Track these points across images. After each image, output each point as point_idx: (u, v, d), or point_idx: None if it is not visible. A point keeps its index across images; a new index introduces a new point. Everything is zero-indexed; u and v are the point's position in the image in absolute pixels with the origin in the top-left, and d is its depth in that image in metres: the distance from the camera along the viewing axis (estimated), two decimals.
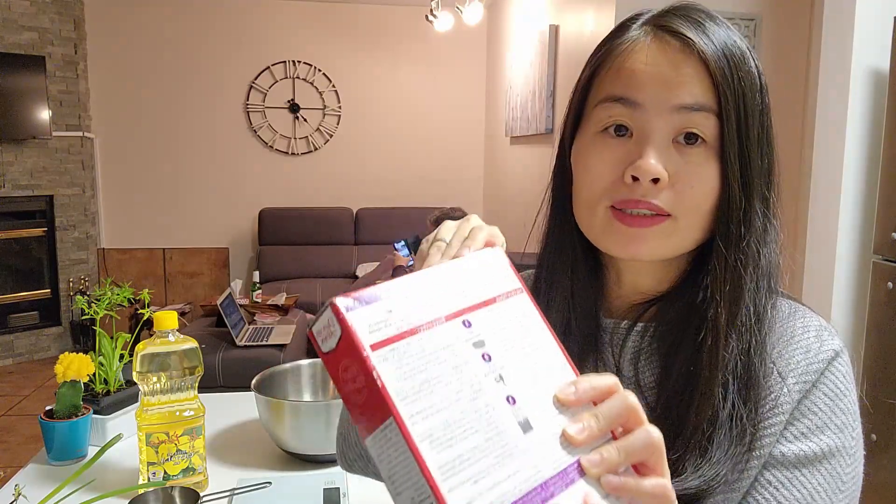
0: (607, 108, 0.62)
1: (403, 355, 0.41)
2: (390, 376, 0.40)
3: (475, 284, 0.47)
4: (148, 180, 5.26)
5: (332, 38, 5.38)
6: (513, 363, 0.45)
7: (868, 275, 2.42)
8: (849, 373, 0.63)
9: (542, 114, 3.85)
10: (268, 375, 1.27)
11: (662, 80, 0.59)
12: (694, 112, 0.59)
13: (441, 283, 0.46)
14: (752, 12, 2.78)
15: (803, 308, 0.66)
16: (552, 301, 0.70)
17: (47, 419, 1.16)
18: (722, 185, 0.60)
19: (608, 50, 0.64)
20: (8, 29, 4.35)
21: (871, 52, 2.43)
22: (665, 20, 0.61)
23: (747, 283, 0.61)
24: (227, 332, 3.14)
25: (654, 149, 0.59)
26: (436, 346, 0.42)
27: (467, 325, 0.45)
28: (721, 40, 0.60)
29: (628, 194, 0.60)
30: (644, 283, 0.68)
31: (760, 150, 0.61)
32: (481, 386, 0.42)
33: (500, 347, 0.45)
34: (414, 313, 0.43)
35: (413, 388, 0.40)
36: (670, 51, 0.60)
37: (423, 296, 0.45)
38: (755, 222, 0.61)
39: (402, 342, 0.42)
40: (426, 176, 5.65)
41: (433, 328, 0.43)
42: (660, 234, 0.61)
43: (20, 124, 4.38)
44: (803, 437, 0.60)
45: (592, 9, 3.23)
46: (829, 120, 2.54)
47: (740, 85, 0.59)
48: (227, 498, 1.04)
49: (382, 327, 0.42)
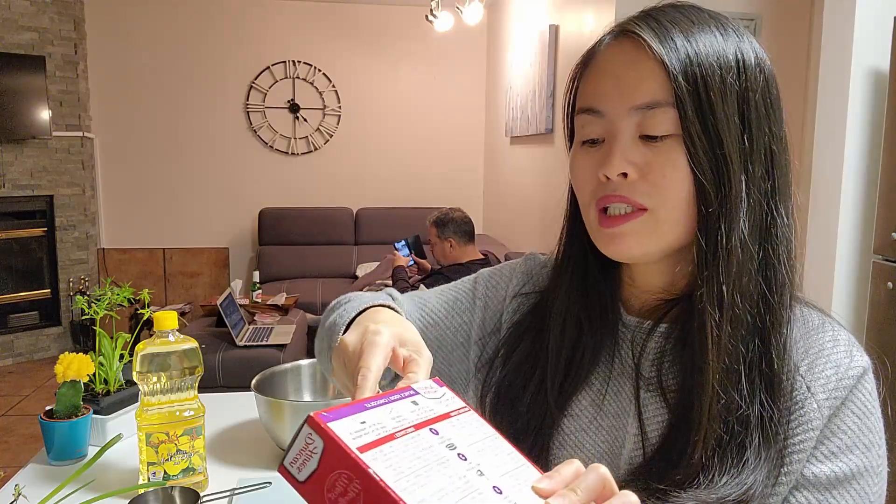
0: (580, 119, 0.65)
1: (390, 454, 0.41)
2: (384, 471, 0.39)
3: (427, 406, 0.50)
4: (148, 180, 5.26)
5: (332, 38, 5.38)
6: (486, 462, 0.46)
7: (868, 275, 2.42)
8: (874, 389, 0.63)
9: (542, 114, 3.85)
10: (268, 375, 1.27)
11: (618, 85, 0.62)
12: (650, 110, 0.60)
13: (397, 406, 0.48)
14: (752, 12, 2.78)
15: (831, 320, 0.66)
16: (564, 301, 0.71)
17: (47, 419, 1.16)
18: (693, 172, 0.60)
19: (584, 60, 0.67)
20: (8, 29, 4.35)
21: (871, 52, 2.43)
22: (626, 24, 0.63)
23: (734, 266, 0.60)
24: (227, 332, 3.14)
25: (619, 148, 0.61)
26: (416, 447, 0.43)
27: (435, 433, 0.46)
28: (684, 31, 0.60)
29: (604, 191, 0.63)
30: (656, 282, 0.68)
31: (746, 132, 0.60)
32: (468, 479, 0.43)
33: (470, 449, 0.46)
34: (387, 424, 0.44)
35: (409, 482, 0.40)
36: (625, 53, 0.62)
37: (387, 413, 0.46)
38: (740, 206, 0.60)
39: (384, 445, 0.42)
40: (426, 176, 5.65)
41: (407, 434, 0.44)
42: (638, 229, 0.62)
43: (20, 124, 4.38)
44: (833, 457, 0.60)
45: (592, 9, 3.23)
46: (829, 120, 2.54)
47: (700, 70, 0.59)
48: (227, 498, 1.04)
49: (362, 435, 0.42)
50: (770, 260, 0.62)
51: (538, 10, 4.17)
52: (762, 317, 0.61)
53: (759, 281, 0.61)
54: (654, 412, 0.66)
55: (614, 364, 0.70)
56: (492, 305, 0.82)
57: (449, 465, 0.43)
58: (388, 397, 0.49)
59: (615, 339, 0.70)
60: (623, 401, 0.69)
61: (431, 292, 0.88)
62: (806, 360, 0.62)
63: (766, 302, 0.61)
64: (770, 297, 0.61)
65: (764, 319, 0.61)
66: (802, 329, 0.64)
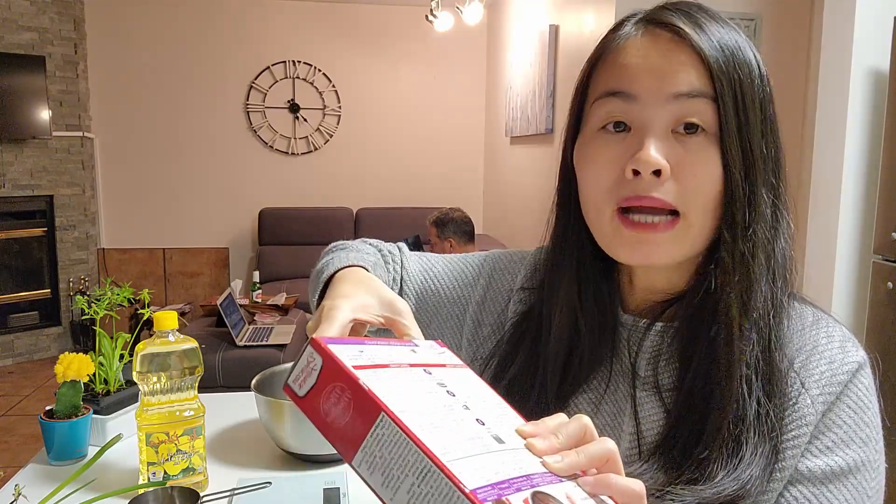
0: (604, 103, 0.62)
1: (382, 377, 0.45)
2: (375, 385, 0.43)
3: (425, 355, 0.53)
4: (148, 180, 5.26)
5: (332, 38, 5.38)
6: (474, 401, 0.48)
7: (868, 275, 2.42)
8: (871, 384, 0.63)
9: (542, 114, 3.85)
10: (268, 375, 1.27)
11: (656, 71, 0.59)
12: (690, 99, 0.58)
13: (396, 348, 0.52)
14: (752, 12, 2.78)
15: (826, 317, 0.66)
16: (558, 301, 0.70)
17: (47, 419, 1.16)
18: (724, 173, 0.59)
19: (603, 48, 0.64)
20: (8, 29, 4.35)
21: (871, 52, 2.43)
22: (656, 15, 0.62)
23: (757, 271, 0.60)
24: (227, 332, 3.14)
25: (654, 140, 0.58)
26: (407, 378, 0.47)
27: (428, 373, 0.49)
28: (713, 29, 0.60)
29: (632, 191, 0.59)
30: (657, 282, 0.67)
31: (764, 138, 0.61)
32: (452, 407, 0.46)
33: (459, 390, 0.49)
34: (383, 357, 0.48)
35: (396, 395, 0.43)
36: (661, 42, 0.60)
37: (385, 350, 0.50)
38: (762, 210, 0.60)
39: (378, 369, 0.46)
40: (426, 176, 5.64)
41: (401, 368, 0.48)
42: (673, 239, 0.60)
43: (20, 124, 4.38)
44: (829, 452, 0.60)
45: (592, 9, 3.23)
46: (829, 120, 2.54)
47: (736, 71, 0.59)
48: (227, 498, 1.04)
49: (358, 359, 0.46)
50: (777, 262, 0.62)
51: (538, 10, 4.17)
52: (767, 319, 0.61)
53: (771, 285, 0.61)
54: (650, 411, 0.65)
55: (613, 363, 0.69)
56: (495, 287, 0.81)
57: (436, 396, 0.46)
58: (388, 342, 0.52)
59: (614, 340, 0.69)
60: (619, 400, 0.68)
61: (440, 258, 0.87)
62: (800, 356, 0.62)
63: (775, 305, 0.61)
64: (778, 300, 0.62)
65: (769, 321, 0.61)
66: (796, 325, 0.64)
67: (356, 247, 0.82)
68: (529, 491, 0.41)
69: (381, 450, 0.41)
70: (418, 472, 0.39)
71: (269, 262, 5.02)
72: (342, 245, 0.82)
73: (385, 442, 0.41)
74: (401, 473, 0.40)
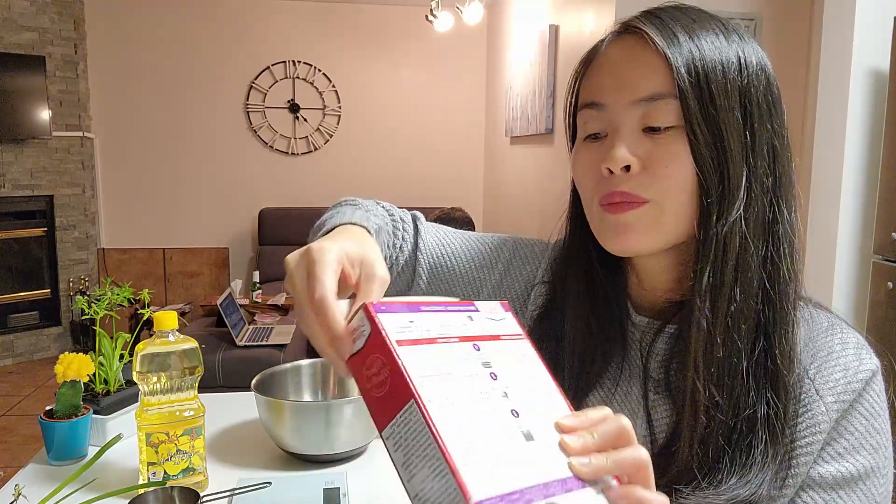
0: (583, 115, 0.66)
1: (424, 354, 0.45)
2: (412, 365, 0.44)
3: (482, 324, 0.51)
4: (148, 180, 5.26)
5: (332, 38, 5.38)
6: (516, 386, 0.47)
7: (868, 275, 2.42)
8: (882, 391, 0.64)
9: (542, 114, 3.85)
10: (268, 375, 1.27)
11: (619, 78, 0.62)
12: (652, 102, 0.60)
13: (451, 316, 0.50)
14: (752, 12, 2.78)
15: (841, 322, 0.66)
16: (568, 303, 0.71)
17: (47, 419, 1.16)
18: (696, 164, 0.60)
19: (586, 58, 0.68)
20: (8, 29, 4.35)
21: (871, 52, 2.43)
22: (629, 20, 0.64)
23: (730, 260, 0.60)
24: (227, 332, 3.14)
25: (621, 140, 0.61)
26: (451, 355, 0.47)
27: (476, 349, 0.48)
28: (686, 28, 0.61)
29: (607, 188, 0.63)
30: (662, 281, 0.68)
31: (748, 128, 0.61)
32: (490, 395, 0.45)
33: (504, 371, 0.48)
34: (432, 329, 0.48)
35: (431, 379, 0.44)
36: (626, 48, 0.63)
37: (438, 319, 0.49)
38: (736, 197, 0.60)
39: (422, 346, 0.46)
40: (426, 176, 5.64)
41: (448, 343, 0.47)
42: (643, 220, 0.61)
43: (20, 124, 4.38)
44: (840, 458, 0.61)
45: (592, 9, 3.23)
46: (829, 120, 2.54)
47: (702, 63, 0.60)
48: (227, 498, 1.04)
49: (406, 332, 0.46)
50: (772, 256, 0.62)
51: (538, 10, 4.16)
52: (765, 313, 0.61)
53: (762, 276, 0.61)
54: (663, 413, 0.65)
55: (624, 365, 0.70)
56: (513, 274, 0.81)
57: (475, 380, 0.46)
58: (445, 306, 0.51)
59: (625, 340, 0.70)
60: (632, 402, 0.69)
61: (459, 234, 0.87)
62: (814, 363, 0.62)
63: (768, 298, 0.61)
64: (773, 294, 0.61)
65: (767, 316, 0.61)
66: (811, 331, 0.64)
67: (366, 206, 0.79)
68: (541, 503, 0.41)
69: (406, 433, 0.42)
70: (433, 467, 0.41)
71: (269, 262, 5.02)
72: (352, 200, 0.79)
73: (410, 427, 0.42)
74: (419, 462, 0.42)
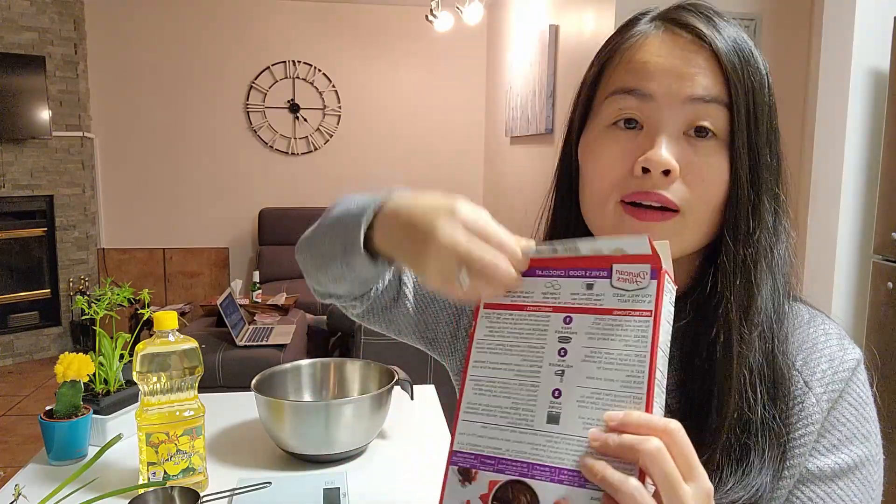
0: (618, 100, 0.61)
1: (501, 321, 0.51)
2: (482, 329, 0.52)
3: (598, 295, 0.49)
4: (148, 180, 5.26)
5: (332, 38, 5.38)
6: (583, 368, 0.47)
7: (868, 275, 2.42)
8: (867, 380, 0.64)
9: (542, 114, 3.85)
10: (268, 375, 1.27)
11: (674, 72, 0.59)
12: (706, 104, 0.58)
13: (566, 283, 0.50)
14: (752, 12, 2.78)
15: (820, 314, 0.67)
16: None
17: (47, 419, 1.16)
18: (731, 179, 0.59)
19: (617, 44, 0.63)
20: (8, 29, 4.35)
21: (871, 52, 2.43)
22: (675, 14, 0.62)
23: (758, 277, 0.60)
24: (227, 332, 3.13)
25: (666, 140, 0.58)
26: (530, 326, 0.50)
27: (567, 322, 0.49)
28: (730, 35, 0.60)
29: (639, 186, 0.59)
30: None
31: (769, 147, 0.61)
32: (541, 371, 0.48)
33: (581, 351, 0.48)
34: (534, 295, 0.51)
35: (490, 344, 0.51)
36: (681, 43, 0.60)
37: (547, 286, 0.51)
38: (765, 217, 0.60)
39: (507, 311, 0.51)
40: (426, 176, 5.64)
41: (538, 312, 0.50)
42: (668, 231, 0.60)
43: (20, 124, 4.38)
44: (835, 450, 0.61)
45: (592, 9, 3.23)
46: (829, 120, 2.54)
47: (749, 80, 0.59)
48: (227, 498, 1.04)
49: (502, 296, 0.52)
50: (778, 268, 0.62)
51: (538, 10, 4.16)
52: (771, 323, 0.61)
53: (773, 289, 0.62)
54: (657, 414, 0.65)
55: None
56: None
57: (539, 353, 0.49)
58: (568, 270, 0.50)
59: None
60: None
61: None
62: (800, 354, 0.63)
63: (777, 310, 0.62)
64: (780, 305, 0.62)
65: (772, 326, 0.61)
66: (794, 323, 0.65)
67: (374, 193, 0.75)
68: (508, 477, 0.44)
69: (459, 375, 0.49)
70: (455, 417, 0.49)
71: (269, 262, 5.02)
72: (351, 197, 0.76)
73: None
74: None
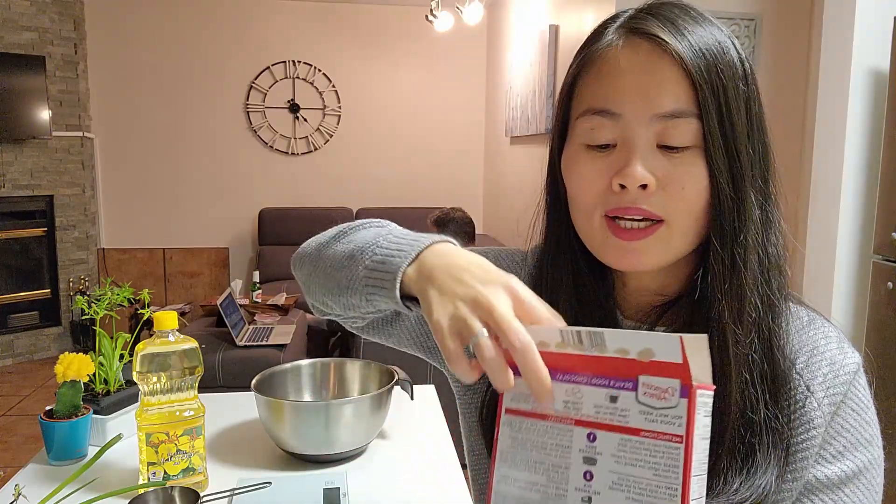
0: (588, 120, 0.61)
1: (523, 430, 0.47)
2: (505, 438, 0.47)
3: (624, 410, 0.43)
4: (148, 180, 5.26)
5: (332, 38, 5.38)
6: (609, 498, 0.42)
7: (868, 275, 2.42)
8: (867, 384, 0.65)
9: (542, 114, 3.85)
10: (268, 375, 1.27)
11: (639, 89, 0.58)
12: (674, 119, 0.57)
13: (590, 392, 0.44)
14: (752, 12, 2.78)
15: (819, 317, 0.67)
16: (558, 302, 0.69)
17: (47, 419, 1.16)
18: (711, 184, 0.59)
19: (586, 56, 0.63)
20: (8, 29, 4.35)
21: (871, 52, 2.43)
22: (636, 22, 0.60)
23: (749, 277, 0.60)
24: (227, 332, 3.13)
25: (639, 155, 0.58)
26: (553, 440, 0.45)
27: (591, 439, 0.44)
28: (697, 35, 0.59)
29: (618, 202, 0.59)
30: (649, 284, 0.67)
31: (751, 140, 0.60)
32: (567, 495, 0.44)
33: (606, 477, 0.42)
34: (556, 403, 0.46)
35: (514, 457, 0.46)
36: (642, 53, 0.59)
37: (570, 393, 0.45)
38: (751, 214, 0.60)
39: (530, 420, 0.47)
40: (426, 176, 5.64)
41: (561, 423, 0.45)
42: (655, 243, 0.60)
43: (20, 124, 4.38)
44: (840, 457, 0.62)
45: (592, 9, 3.23)
46: (829, 120, 2.54)
47: (719, 78, 0.58)
48: (227, 498, 1.04)
49: (523, 401, 0.47)
50: (770, 264, 0.62)
51: (538, 10, 4.16)
52: (766, 321, 0.61)
53: (765, 286, 0.61)
54: None
55: None
56: None
57: (563, 473, 0.44)
58: (591, 378, 0.44)
59: None
60: None
61: None
62: (801, 357, 0.63)
63: (771, 306, 0.61)
64: (774, 301, 0.62)
65: (769, 324, 0.61)
66: (793, 326, 0.65)
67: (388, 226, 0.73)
68: None
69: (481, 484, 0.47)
70: None
71: (269, 262, 5.02)
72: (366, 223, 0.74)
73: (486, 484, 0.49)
74: None
